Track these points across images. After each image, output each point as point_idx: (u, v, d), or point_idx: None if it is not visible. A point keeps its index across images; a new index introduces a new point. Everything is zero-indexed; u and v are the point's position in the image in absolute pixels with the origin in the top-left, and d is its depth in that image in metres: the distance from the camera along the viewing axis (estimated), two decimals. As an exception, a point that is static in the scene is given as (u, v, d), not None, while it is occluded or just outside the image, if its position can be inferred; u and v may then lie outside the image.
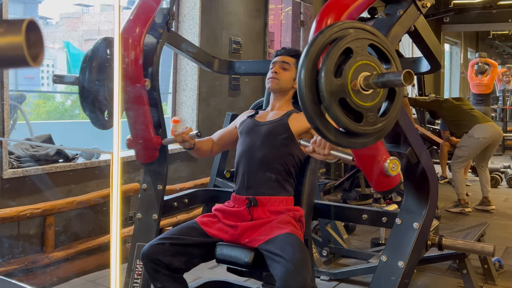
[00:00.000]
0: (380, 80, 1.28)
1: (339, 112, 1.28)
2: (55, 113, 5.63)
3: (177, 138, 2.23)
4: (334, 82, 1.27)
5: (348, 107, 1.29)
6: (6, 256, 2.91)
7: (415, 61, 2.48)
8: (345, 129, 1.31)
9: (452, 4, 9.05)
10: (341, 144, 1.36)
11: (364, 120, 1.31)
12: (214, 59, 2.83)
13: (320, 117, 1.29)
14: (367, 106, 1.32)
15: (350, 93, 1.29)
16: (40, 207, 2.99)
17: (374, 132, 1.36)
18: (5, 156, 2.90)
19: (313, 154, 1.69)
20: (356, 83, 1.29)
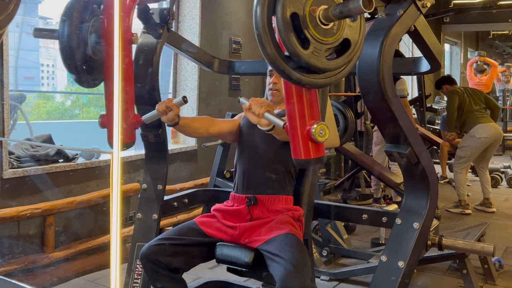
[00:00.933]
0: (339, 8, 1.24)
1: (288, 27, 1.24)
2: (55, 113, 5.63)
3: (160, 107, 1.97)
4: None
5: (300, 31, 1.26)
6: (6, 256, 2.91)
7: (415, 61, 2.48)
8: (286, 47, 1.26)
9: (452, 4, 9.05)
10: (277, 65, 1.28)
11: (309, 48, 1.27)
12: (214, 59, 2.82)
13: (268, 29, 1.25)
14: (317, 38, 1.28)
15: (306, 16, 1.26)
16: (40, 207, 2.99)
17: (314, 67, 1.30)
18: (5, 156, 2.90)
19: (247, 114, 1.61)
20: (315, 10, 1.26)
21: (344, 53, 1.35)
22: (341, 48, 1.35)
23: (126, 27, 1.94)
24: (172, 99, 1.97)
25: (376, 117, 1.89)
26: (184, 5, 4.39)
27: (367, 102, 1.84)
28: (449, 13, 8.90)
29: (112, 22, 1.84)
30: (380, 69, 1.72)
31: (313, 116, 1.44)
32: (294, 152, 1.46)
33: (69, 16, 1.80)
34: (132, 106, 2.04)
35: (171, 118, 1.98)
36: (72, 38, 1.81)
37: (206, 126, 2.22)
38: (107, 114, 1.93)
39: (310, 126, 1.41)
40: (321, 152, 1.47)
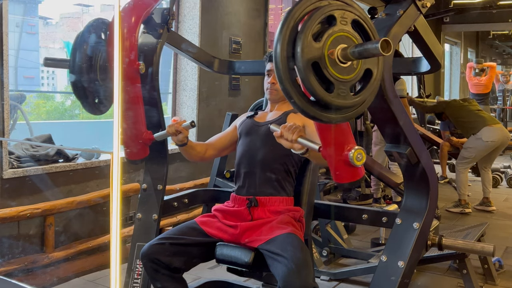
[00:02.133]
0: (358, 49, 1.26)
1: (311, 76, 1.26)
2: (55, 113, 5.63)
3: (170, 130, 2.09)
4: (312, 45, 1.26)
5: (322, 75, 1.28)
6: (6, 256, 2.91)
7: (415, 61, 2.48)
8: (314, 95, 1.29)
9: (452, 4, 9.05)
10: (307, 112, 1.32)
11: (334, 91, 1.29)
12: (214, 59, 2.82)
13: (291, 80, 1.28)
14: (340, 78, 1.30)
15: (326, 60, 1.27)
16: (40, 207, 2.99)
17: (342, 107, 1.33)
18: (5, 156, 2.90)
19: (280, 140, 1.63)
20: (333, 52, 1.28)
21: (368, 84, 1.38)
22: (363, 78, 1.38)
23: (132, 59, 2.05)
24: (182, 123, 2.08)
25: (376, 117, 1.89)
26: (184, 5, 4.39)
27: (367, 102, 1.84)
28: (449, 13, 8.90)
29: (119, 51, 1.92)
30: (380, 69, 1.72)
31: (348, 141, 1.53)
32: (335, 177, 1.60)
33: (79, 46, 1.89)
34: (144, 125, 2.15)
35: (180, 140, 2.12)
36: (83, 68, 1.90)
37: (209, 148, 2.34)
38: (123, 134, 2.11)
39: (347, 151, 1.51)
40: (361, 174, 1.61)
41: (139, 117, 2.13)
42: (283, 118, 2.23)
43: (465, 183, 5.06)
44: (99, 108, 2.03)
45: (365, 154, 1.54)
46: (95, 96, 1.98)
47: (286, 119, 2.23)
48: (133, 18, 2.07)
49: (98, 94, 1.97)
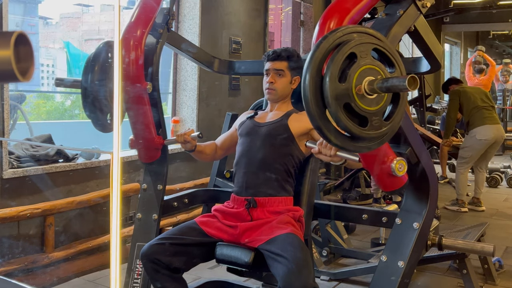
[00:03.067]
0: (385, 85, 1.29)
1: (344, 117, 1.29)
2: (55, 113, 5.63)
3: (179, 139, 2.21)
4: (339, 87, 1.28)
5: (353, 111, 1.31)
6: (6, 256, 2.91)
7: (415, 61, 2.48)
8: (350, 134, 1.32)
9: (452, 4, 9.05)
10: (346, 149, 1.38)
11: (369, 124, 1.33)
12: (214, 59, 2.82)
13: (326, 123, 1.30)
14: (371, 111, 1.33)
15: (355, 98, 1.30)
16: (40, 207, 2.99)
17: (379, 136, 1.37)
18: (5, 156, 2.90)
19: (319, 156, 1.68)
20: (360, 88, 1.30)
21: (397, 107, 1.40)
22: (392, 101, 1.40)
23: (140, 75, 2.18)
24: (190, 133, 2.22)
25: (376, 117, 1.89)
26: (184, 5, 4.39)
27: (367, 102, 1.84)
28: (449, 13, 8.90)
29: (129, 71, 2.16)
30: (380, 69, 1.72)
31: (387, 154, 1.68)
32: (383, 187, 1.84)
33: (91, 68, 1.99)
34: (154, 129, 2.30)
35: (189, 148, 2.26)
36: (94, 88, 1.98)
37: (214, 151, 2.41)
38: (134, 137, 2.28)
39: (389, 163, 1.67)
40: (403, 181, 1.81)
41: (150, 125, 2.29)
42: (284, 120, 2.23)
43: (464, 183, 5.07)
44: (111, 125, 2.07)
45: (405, 163, 1.70)
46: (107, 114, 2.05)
47: (287, 121, 2.22)
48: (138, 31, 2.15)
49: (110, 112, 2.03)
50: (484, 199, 5.46)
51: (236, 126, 2.42)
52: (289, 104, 2.33)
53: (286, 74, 2.26)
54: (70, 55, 6.76)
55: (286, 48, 2.30)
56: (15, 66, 0.65)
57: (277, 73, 2.26)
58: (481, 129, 4.85)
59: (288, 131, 2.20)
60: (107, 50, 2.02)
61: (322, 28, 1.57)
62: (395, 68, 1.39)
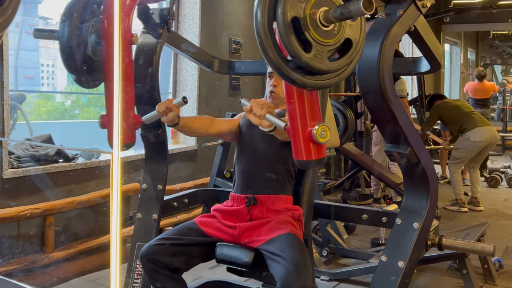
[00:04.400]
0: (340, 10, 1.24)
1: (290, 31, 1.23)
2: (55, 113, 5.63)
3: (160, 108, 1.96)
4: (294, 1, 1.23)
5: (301, 34, 1.26)
6: (6, 256, 2.91)
7: (415, 61, 2.48)
8: (289, 51, 1.26)
9: (452, 4, 9.04)
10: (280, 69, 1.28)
11: (311, 52, 1.27)
12: (214, 59, 2.82)
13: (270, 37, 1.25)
14: (319, 40, 1.28)
15: (307, 19, 1.25)
16: (40, 207, 2.99)
17: (317, 70, 1.30)
18: (5, 156, 2.90)
19: (249, 115, 1.61)
20: (316, 13, 1.26)
21: (346, 53, 1.35)
22: (342, 48, 1.35)
23: (126, 27, 1.94)
24: (172, 100, 1.97)
25: (376, 117, 1.89)
26: (184, 5, 4.39)
27: (367, 102, 1.84)
28: (449, 13, 8.89)
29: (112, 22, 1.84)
30: (380, 69, 1.72)
31: (314, 117, 1.44)
32: (295, 153, 1.46)
33: (69, 16, 1.81)
34: (132, 106, 2.05)
35: (171, 119, 1.99)
36: (72, 38, 1.82)
37: (205, 126, 2.23)
38: (107, 115, 1.94)
39: (311, 127, 1.41)
40: (323, 153, 1.47)
41: (128, 98, 2.00)
42: (282, 112, 2.23)
43: (459, 182, 5.13)
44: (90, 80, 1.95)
45: (329, 131, 1.44)
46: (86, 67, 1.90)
47: (285, 114, 2.22)
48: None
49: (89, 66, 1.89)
50: (484, 199, 5.47)
51: (241, 116, 2.37)
52: (289, 104, 2.32)
53: None
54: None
55: None
56: None
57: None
58: (475, 131, 4.94)
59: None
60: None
61: None
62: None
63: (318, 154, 1.45)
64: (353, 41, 1.35)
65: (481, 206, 5.20)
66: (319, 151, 1.45)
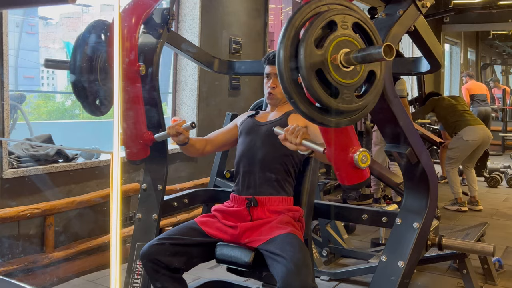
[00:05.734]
0: (361, 54, 1.27)
1: (315, 83, 1.26)
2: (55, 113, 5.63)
3: (171, 131, 2.09)
4: (314, 52, 1.26)
5: (326, 81, 1.28)
6: (6, 256, 2.91)
7: (415, 61, 2.48)
8: (319, 102, 1.29)
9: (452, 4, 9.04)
10: (313, 118, 1.33)
11: (339, 96, 1.30)
12: (214, 59, 2.82)
13: (296, 88, 1.28)
14: (344, 83, 1.30)
15: (329, 66, 1.28)
16: (40, 207, 2.99)
17: (348, 111, 1.34)
18: (5, 156, 2.90)
19: (285, 143, 1.66)
20: (336, 58, 1.28)
21: (372, 86, 1.38)
22: (367, 79, 1.38)
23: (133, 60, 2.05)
24: (182, 124, 2.08)
25: (376, 117, 1.89)
26: (184, 5, 4.39)
27: (367, 102, 1.84)
28: (449, 13, 8.90)
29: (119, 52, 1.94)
30: (380, 69, 1.72)
31: (352, 144, 1.54)
32: (340, 179, 1.60)
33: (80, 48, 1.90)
34: (144, 125, 2.16)
35: (181, 140, 2.11)
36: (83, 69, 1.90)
37: (209, 144, 2.34)
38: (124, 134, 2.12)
39: (352, 153, 1.52)
40: (365, 176, 1.60)
41: (140, 118, 2.14)
42: (284, 119, 2.23)
43: (456, 181, 5.17)
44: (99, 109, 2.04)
45: (370, 156, 1.54)
46: (96, 97, 1.99)
47: (287, 120, 2.23)
48: (133, 19, 2.08)
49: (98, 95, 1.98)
50: (484, 199, 5.47)
51: (237, 123, 2.41)
52: (289, 104, 2.32)
53: None
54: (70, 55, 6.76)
55: None
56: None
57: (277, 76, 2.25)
58: (466, 130, 4.99)
59: (289, 130, 2.20)
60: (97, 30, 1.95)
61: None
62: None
63: (362, 177, 1.59)
64: (376, 72, 1.38)
65: (480, 205, 5.22)
66: (362, 174, 1.59)
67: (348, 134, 1.53)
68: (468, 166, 5.26)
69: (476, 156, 5.24)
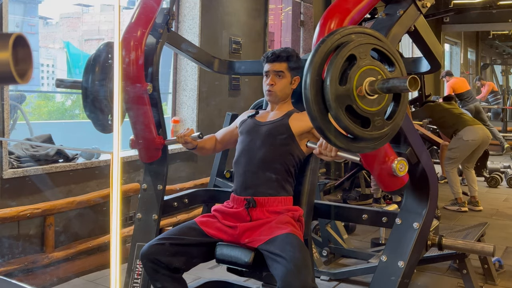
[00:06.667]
0: (386, 86, 1.29)
1: (346, 120, 1.29)
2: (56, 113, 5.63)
3: (180, 140, 2.27)
4: (339, 90, 1.28)
5: (355, 113, 1.31)
6: (6, 256, 2.91)
7: (415, 61, 2.48)
8: (353, 135, 1.33)
9: (452, 4, 9.05)
10: (351, 150, 1.39)
11: (371, 125, 1.33)
12: (214, 59, 2.82)
13: (327, 125, 1.31)
14: (373, 111, 1.33)
15: (356, 100, 1.30)
16: (40, 207, 2.99)
17: (381, 136, 1.38)
18: (5, 156, 2.90)
19: (320, 156, 1.76)
20: (361, 89, 1.31)
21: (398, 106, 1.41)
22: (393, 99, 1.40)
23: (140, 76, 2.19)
24: (190, 133, 2.26)
25: (376, 117, 1.89)
26: (184, 5, 4.39)
27: (367, 102, 1.84)
28: (449, 13, 8.90)
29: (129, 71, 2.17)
30: (380, 69, 1.72)
31: (388, 155, 1.68)
32: (383, 187, 1.82)
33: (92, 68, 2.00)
34: (155, 129, 2.32)
35: (190, 147, 2.31)
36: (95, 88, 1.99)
37: (213, 146, 2.45)
38: (135, 137, 2.30)
39: (390, 163, 1.67)
40: (404, 181, 1.80)
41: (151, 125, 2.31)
42: (285, 119, 2.23)
43: (456, 181, 5.18)
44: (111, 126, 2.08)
45: (407, 164, 1.69)
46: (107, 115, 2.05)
47: (288, 120, 2.22)
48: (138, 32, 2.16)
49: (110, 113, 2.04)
50: (484, 199, 5.47)
51: (237, 124, 2.42)
52: (289, 104, 2.33)
53: (286, 75, 2.26)
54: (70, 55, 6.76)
55: (284, 49, 2.29)
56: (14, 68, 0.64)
57: (276, 74, 2.26)
58: (466, 130, 5.02)
59: (289, 130, 2.20)
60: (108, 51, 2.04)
61: (322, 29, 1.58)
62: (395, 67, 1.39)
63: (402, 183, 1.80)
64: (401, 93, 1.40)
65: (480, 206, 5.22)
66: (402, 180, 1.79)
67: (383, 147, 1.60)
68: (468, 166, 5.28)
69: (476, 156, 5.25)
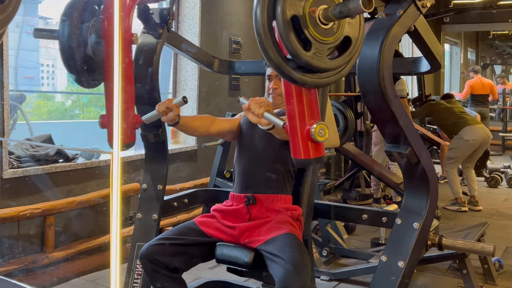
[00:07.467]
0: (339, 8, 1.25)
1: (289, 30, 1.24)
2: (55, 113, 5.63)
3: (160, 108, 1.97)
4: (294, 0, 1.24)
5: (300, 32, 1.26)
6: (6, 256, 2.91)
7: (415, 61, 2.48)
8: (289, 50, 1.26)
9: (452, 4, 9.04)
10: (281, 69, 1.29)
11: (311, 50, 1.28)
12: (214, 59, 2.82)
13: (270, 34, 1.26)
14: (318, 39, 1.28)
15: (306, 18, 1.26)
16: (40, 207, 2.99)
17: (316, 70, 1.31)
18: (5, 156, 2.90)
19: (247, 114, 1.61)
20: (315, 11, 1.27)
21: (345, 51, 1.36)
22: (342, 46, 1.36)
23: (126, 27, 1.94)
24: (172, 99, 1.97)
25: (376, 117, 1.89)
26: (184, 5, 4.39)
27: (367, 102, 1.84)
28: (449, 13, 8.90)
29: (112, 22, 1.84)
30: (380, 69, 1.72)
31: (313, 116, 1.43)
32: (293, 151, 1.45)
33: (69, 16, 1.80)
34: (132, 106, 2.05)
35: (172, 119, 1.99)
36: (72, 38, 1.81)
37: (206, 125, 2.23)
38: (107, 114, 1.94)
39: (309, 126, 1.41)
40: (321, 152, 1.46)
41: (128, 98, 2.00)
42: (282, 112, 2.23)
43: (456, 181, 5.18)
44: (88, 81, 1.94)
45: (328, 130, 1.43)
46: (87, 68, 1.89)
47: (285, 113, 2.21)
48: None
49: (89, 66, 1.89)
50: (484, 199, 5.47)
51: (241, 115, 2.37)
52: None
53: None
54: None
55: None
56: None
57: (279, 78, 2.25)
58: (467, 130, 5.01)
59: (289, 130, 2.20)
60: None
61: None
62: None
63: (317, 153, 1.44)
64: (352, 39, 1.36)
65: (480, 206, 5.23)
66: (318, 150, 1.44)
67: (311, 103, 1.44)
68: (468, 166, 5.27)
69: (476, 156, 5.25)
